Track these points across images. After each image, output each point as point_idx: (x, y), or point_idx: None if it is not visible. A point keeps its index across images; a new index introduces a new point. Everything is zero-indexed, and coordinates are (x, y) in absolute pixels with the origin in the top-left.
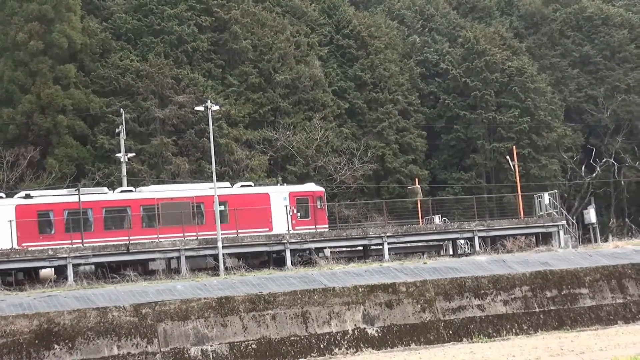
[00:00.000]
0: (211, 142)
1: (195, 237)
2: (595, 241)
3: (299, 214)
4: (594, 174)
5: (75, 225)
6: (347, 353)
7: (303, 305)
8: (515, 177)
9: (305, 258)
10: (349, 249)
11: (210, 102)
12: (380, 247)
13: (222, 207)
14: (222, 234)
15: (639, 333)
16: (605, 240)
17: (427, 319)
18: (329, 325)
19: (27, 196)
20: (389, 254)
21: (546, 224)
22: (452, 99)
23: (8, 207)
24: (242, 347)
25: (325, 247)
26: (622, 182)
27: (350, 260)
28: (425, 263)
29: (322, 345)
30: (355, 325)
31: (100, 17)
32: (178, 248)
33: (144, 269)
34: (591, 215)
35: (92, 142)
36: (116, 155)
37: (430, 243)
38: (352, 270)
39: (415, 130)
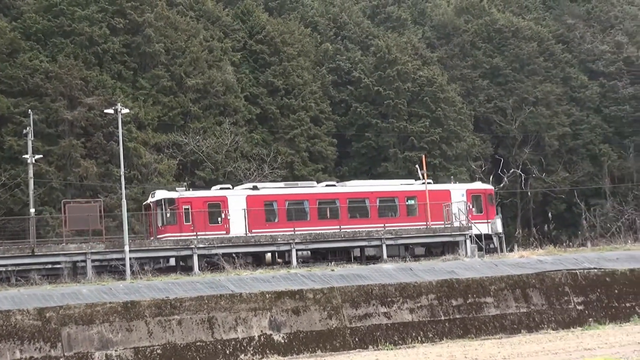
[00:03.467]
0: (120, 146)
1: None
2: (501, 251)
3: (474, 209)
4: (502, 184)
5: (296, 214)
6: (253, 359)
7: (210, 310)
8: (425, 186)
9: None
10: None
11: (120, 105)
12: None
13: (412, 202)
14: (413, 225)
15: (541, 342)
16: (511, 250)
17: (334, 326)
18: (235, 331)
19: (255, 188)
20: (297, 261)
21: (454, 233)
22: (364, 107)
23: (241, 198)
24: (147, 352)
25: (233, 253)
26: (529, 193)
27: (258, 266)
28: (333, 270)
29: (228, 351)
30: (261, 331)
31: (10, 17)
32: (84, 251)
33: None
34: (497, 225)
35: None
36: (23, 156)
37: (338, 250)
38: (259, 276)
39: (327, 137)
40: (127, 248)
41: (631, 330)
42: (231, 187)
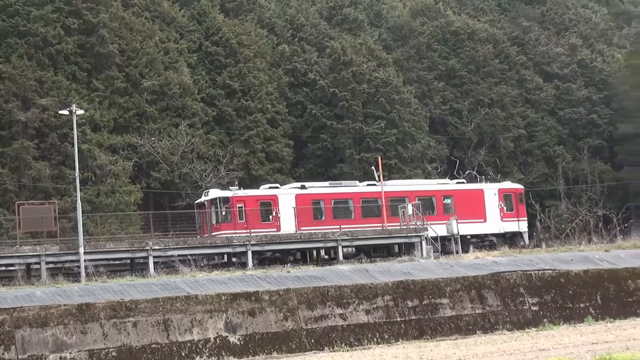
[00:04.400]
0: (75, 147)
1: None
2: (457, 252)
3: (505, 208)
4: None
5: (340, 212)
6: None
7: (165, 312)
8: (381, 188)
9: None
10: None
11: (75, 106)
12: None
13: (449, 201)
14: (445, 224)
15: (496, 343)
16: (467, 251)
17: (290, 328)
18: (190, 333)
19: (303, 187)
20: (254, 262)
21: (409, 234)
22: (320, 108)
23: (290, 197)
24: (102, 355)
25: (186, 255)
26: None
27: (214, 267)
28: (288, 272)
29: (183, 353)
30: (217, 333)
31: None
32: (39, 253)
33: None
34: (453, 226)
35: None
36: None
37: (294, 251)
38: (215, 278)
39: (283, 139)
40: (81, 250)
41: (585, 331)
42: (279, 186)
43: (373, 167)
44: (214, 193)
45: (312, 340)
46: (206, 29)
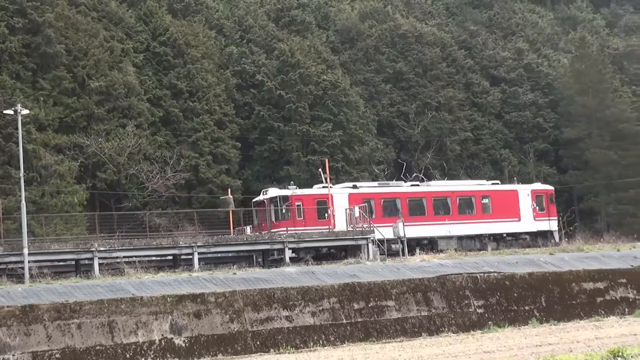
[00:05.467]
0: (20, 147)
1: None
2: (403, 254)
3: (537, 208)
4: None
5: (389, 211)
6: None
7: (110, 314)
8: (328, 190)
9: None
10: (159, 257)
11: (20, 105)
12: (191, 256)
13: (486, 200)
14: (485, 222)
15: (442, 345)
16: (413, 254)
17: (235, 330)
18: (135, 335)
19: (354, 186)
20: (200, 264)
21: (356, 237)
22: (267, 110)
23: (343, 196)
24: (45, 357)
25: (132, 256)
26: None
27: (159, 269)
28: (235, 273)
29: (128, 355)
30: (162, 335)
31: None
32: None
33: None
34: (400, 228)
35: None
36: None
37: (241, 253)
38: (161, 280)
39: (230, 141)
40: (26, 251)
41: (529, 333)
42: (332, 186)
43: (320, 170)
44: (273, 192)
45: (258, 342)
46: (153, 30)
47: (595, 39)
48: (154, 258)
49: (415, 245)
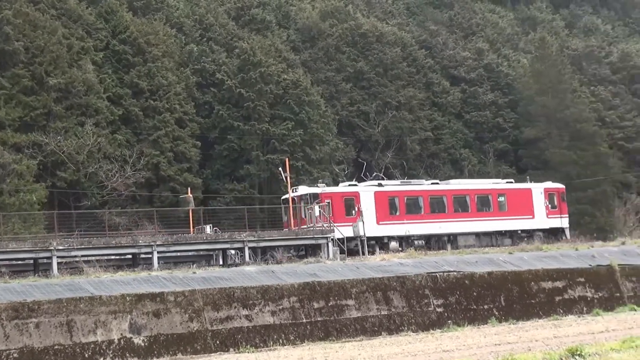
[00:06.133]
0: None
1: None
2: (363, 254)
3: (549, 206)
4: None
5: (412, 208)
6: None
7: (68, 313)
8: (288, 189)
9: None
10: (118, 256)
11: None
12: (150, 255)
13: (502, 199)
14: (501, 219)
15: (401, 344)
16: (373, 253)
17: (195, 329)
18: (94, 334)
19: (380, 185)
20: (159, 263)
21: (316, 236)
22: (227, 109)
23: (370, 194)
24: (2, 356)
25: (90, 255)
26: None
27: (119, 268)
28: (194, 273)
29: (87, 355)
30: (121, 334)
31: None
32: None
33: None
34: (360, 227)
35: None
36: None
37: (201, 252)
38: (120, 279)
39: (190, 139)
40: None
41: (488, 332)
42: (357, 184)
43: (280, 169)
44: (304, 189)
45: (218, 342)
46: (114, 27)
47: (554, 40)
48: (113, 257)
49: (436, 241)
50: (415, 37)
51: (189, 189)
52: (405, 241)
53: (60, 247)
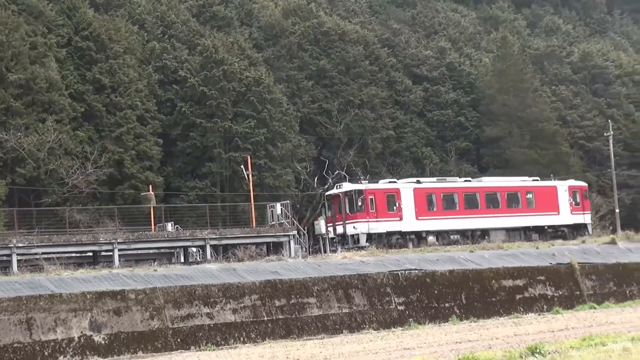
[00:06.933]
0: None
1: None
2: (325, 252)
3: (573, 202)
4: (326, 186)
5: (448, 204)
6: None
7: (28, 311)
8: (249, 187)
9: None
10: (78, 254)
11: None
12: (111, 253)
13: (530, 196)
14: (530, 215)
15: (363, 342)
16: (335, 251)
17: (156, 327)
18: (54, 332)
19: (418, 182)
20: (120, 261)
21: (277, 234)
22: (189, 106)
23: (409, 190)
24: None
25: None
26: None
27: (79, 266)
28: (155, 270)
29: (46, 353)
30: (81, 332)
31: None
32: None
33: None
34: (322, 226)
35: None
36: None
37: (162, 250)
38: (81, 277)
39: (152, 137)
40: None
41: (449, 330)
42: (396, 181)
43: (242, 166)
44: (348, 186)
45: (179, 340)
46: (76, 24)
47: (516, 39)
48: (73, 255)
49: (470, 236)
50: (377, 35)
51: (150, 186)
52: (441, 235)
53: (20, 245)
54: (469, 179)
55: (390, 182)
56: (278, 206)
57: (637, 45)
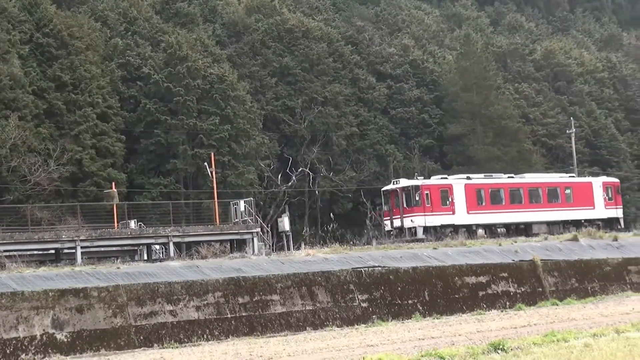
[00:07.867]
0: None
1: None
2: (289, 249)
3: (606, 198)
4: (290, 183)
5: (495, 199)
6: (35, 359)
7: None
8: (213, 184)
9: None
10: (40, 252)
11: None
12: (73, 251)
13: (568, 191)
14: (568, 209)
15: (326, 339)
16: (298, 248)
17: (119, 324)
18: (16, 330)
19: (468, 178)
20: (82, 258)
21: (241, 231)
22: (153, 103)
23: (461, 186)
24: None
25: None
26: (317, 192)
27: (41, 263)
28: (118, 268)
29: (8, 351)
30: (44, 330)
31: None
32: None
33: None
34: (285, 223)
35: None
36: None
37: (125, 248)
38: (43, 274)
39: (114, 134)
40: None
41: (412, 327)
42: (447, 177)
43: (206, 163)
44: (404, 182)
45: (142, 337)
46: (37, 20)
47: (479, 37)
48: (35, 252)
49: (514, 229)
50: (341, 32)
51: (113, 183)
52: (489, 229)
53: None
54: (512, 175)
55: (442, 178)
56: (242, 203)
57: (599, 44)
